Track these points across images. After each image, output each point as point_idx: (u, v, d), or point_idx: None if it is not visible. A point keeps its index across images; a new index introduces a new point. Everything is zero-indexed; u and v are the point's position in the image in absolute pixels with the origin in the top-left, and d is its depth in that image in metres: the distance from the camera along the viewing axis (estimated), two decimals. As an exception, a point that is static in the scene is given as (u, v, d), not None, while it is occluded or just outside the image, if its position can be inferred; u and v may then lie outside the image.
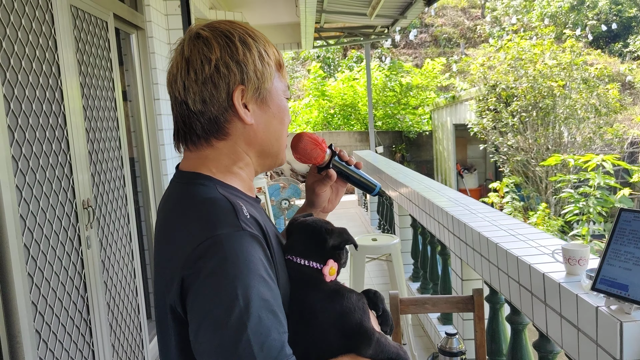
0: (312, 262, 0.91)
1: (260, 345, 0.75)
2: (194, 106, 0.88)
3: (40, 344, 1.95)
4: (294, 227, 0.97)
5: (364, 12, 7.03)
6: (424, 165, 13.46)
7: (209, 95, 0.87)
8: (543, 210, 6.90)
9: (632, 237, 1.33)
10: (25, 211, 1.92)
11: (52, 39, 2.21)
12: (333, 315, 0.88)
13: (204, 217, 0.82)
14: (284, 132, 0.97)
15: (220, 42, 0.87)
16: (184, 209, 0.86)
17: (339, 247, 0.94)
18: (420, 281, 3.90)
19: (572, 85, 8.32)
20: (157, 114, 3.53)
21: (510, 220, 2.37)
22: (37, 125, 2.05)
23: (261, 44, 0.91)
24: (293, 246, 0.94)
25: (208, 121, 0.88)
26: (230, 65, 0.87)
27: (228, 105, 0.88)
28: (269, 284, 0.80)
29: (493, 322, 2.35)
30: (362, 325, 0.88)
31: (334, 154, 1.09)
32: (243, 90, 0.88)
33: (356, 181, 1.14)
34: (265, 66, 0.90)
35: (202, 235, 0.79)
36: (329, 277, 0.91)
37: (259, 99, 0.91)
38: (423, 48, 21.35)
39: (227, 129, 0.90)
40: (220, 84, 0.87)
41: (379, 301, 0.98)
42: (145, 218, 3.50)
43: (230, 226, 0.80)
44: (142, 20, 3.44)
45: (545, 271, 1.64)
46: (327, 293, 0.90)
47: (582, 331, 1.43)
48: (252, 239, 0.81)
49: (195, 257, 0.78)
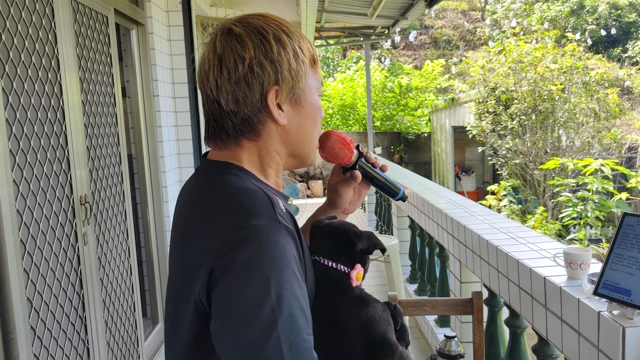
0: (340, 265, 0.89)
1: (289, 344, 0.71)
2: (227, 106, 0.85)
3: (35, 340, 1.93)
4: (320, 229, 0.94)
5: (365, 13, 7.02)
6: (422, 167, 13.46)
7: (242, 96, 0.84)
8: (540, 213, 6.90)
9: (636, 242, 1.32)
10: (22, 206, 1.90)
11: (52, 32, 2.19)
12: (357, 322, 0.85)
13: (240, 206, 0.79)
14: (316, 132, 0.94)
15: (254, 40, 0.84)
16: (217, 197, 0.83)
17: (367, 252, 0.92)
18: (417, 283, 3.89)
19: (571, 89, 8.32)
20: (156, 111, 3.51)
21: (511, 223, 2.36)
22: (36, 119, 2.03)
23: (296, 40, 0.87)
24: (320, 247, 0.91)
25: (240, 121, 0.85)
26: (265, 64, 0.83)
27: (262, 106, 0.85)
28: (300, 282, 0.77)
29: (491, 326, 2.34)
30: (385, 337, 0.86)
31: (360, 155, 1.06)
32: (277, 91, 0.85)
33: (380, 184, 1.10)
34: (300, 64, 0.87)
35: (237, 225, 0.76)
36: (355, 282, 0.89)
37: (293, 99, 0.88)
38: (422, 50, 21.36)
39: (259, 130, 0.87)
40: (254, 84, 0.84)
41: (398, 315, 0.95)
42: (142, 215, 3.48)
43: (268, 218, 0.77)
44: (143, 16, 3.42)
45: (546, 275, 1.63)
46: (354, 299, 0.87)
47: (583, 336, 1.42)
48: (288, 234, 0.78)
49: (229, 247, 0.74)
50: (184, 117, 3.89)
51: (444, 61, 17.82)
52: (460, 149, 12.41)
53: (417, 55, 21.04)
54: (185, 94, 3.88)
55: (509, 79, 8.69)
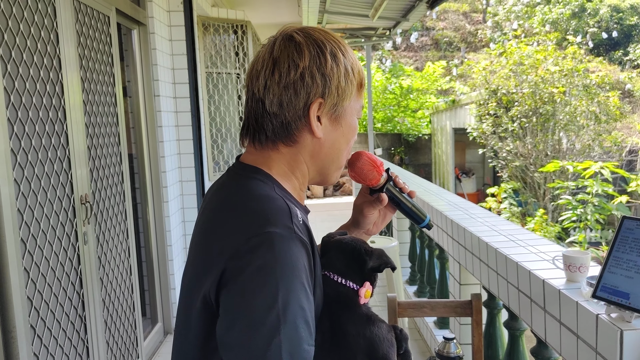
0: (349, 282, 0.90)
1: (289, 353, 0.72)
2: (270, 107, 0.87)
3: (35, 339, 1.93)
4: (331, 244, 0.95)
5: (366, 14, 7.03)
6: (422, 169, 13.46)
7: (287, 101, 0.86)
8: (540, 216, 6.90)
9: (635, 245, 1.32)
10: (22, 205, 1.90)
11: (54, 32, 2.20)
12: (362, 341, 0.86)
13: (260, 212, 0.81)
14: (346, 152, 0.96)
15: (312, 51, 0.86)
16: (240, 200, 0.85)
17: (377, 270, 0.92)
18: (417, 284, 3.89)
19: (572, 92, 8.33)
20: (157, 111, 3.52)
21: (510, 226, 2.37)
22: (37, 118, 2.03)
23: (349, 60, 0.90)
24: (331, 263, 0.92)
25: (280, 125, 0.87)
26: (316, 76, 0.86)
27: (303, 114, 0.87)
28: (307, 294, 0.78)
29: (490, 328, 2.34)
30: (387, 358, 0.87)
31: (389, 179, 1.06)
32: (321, 104, 0.87)
33: (407, 209, 1.08)
34: (348, 84, 0.89)
35: (254, 230, 0.78)
36: (363, 300, 0.90)
37: (334, 115, 0.90)
38: (424, 51, 21.37)
39: (296, 137, 0.89)
40: (301, 92, 0.86)
41: (403, 340, 0.96)
42: (142, 215, 3.49)
43: (284, 227, 0.79)
44: (144, 16, 3.43)
45: (545, 277, 1.64)
46: (361, 316, 0.88)
47: (582, 338, 1.42)
48: (302, 245, 0.80)
49: (244, 251, 0.76)
50: (185, 117, 3.89)
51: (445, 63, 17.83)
52: (460, 150, 12.41)
53: (418, 57, 21.05)
54: (186, 94, 3.88)
55: (510, 81, 8.69)
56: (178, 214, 3.86)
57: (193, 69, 3.91)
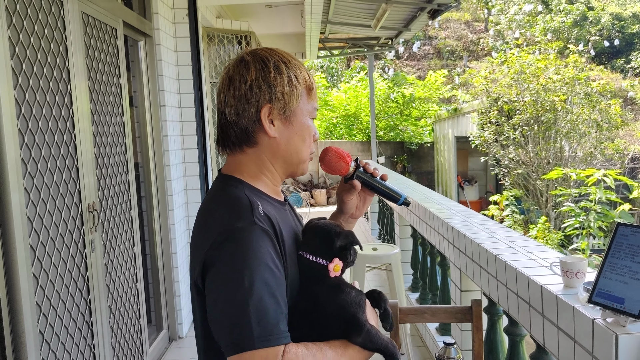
0: (319, 258, 1.04)
1: (258, 319, 0.90)
2: (230, 117, 1.05)
3: (43, 344, 1.97)
4: (308, 228, 1.09)
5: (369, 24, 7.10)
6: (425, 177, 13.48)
7: (242, 109, 1.04)
8: (543, 223, 6.92)
9: (629, 251, 1.35)
10: (32, 213, 1.95)
11: (63, 45, 2.26)
12: (332, 306, 1.01)
13: (227, 211, 0.99)
14: (304, 147, 1.11)
15: (257, 66, 1.04)
16: (216, 203, 1.05)
17: (344, 248, 1.05)
18: (419, 291, 3.92)
19: (574, 100, 8.36)
20: (163, 120, 3.58)
21: (510, 233, 2.40)
22: (47, 129, 2.09)
23: (292, 69, 1.06)
24: (306, 244, 1.07)
25: (240, 130, 1.05)
26: (262, 86, 1.03)
27: (256, 119, 1.04)
28: (273, 272, 0.95)
29: (491, 333, 2.37)
30: (355, 317, 1.01)
31: (357, 167, 1.20)
32: (270, 108, 1.04)
33: (380, 191, 1.22)
34: (292, 89, 1.05)
35: (224, 226, 0.97)
36: (333, 273, 1.03)
37: (284, 117, 1.06)
38: (426, 60, 21.46)
39: (255, 139, 1.06)
40: (252, 100, 1.03)
41: (382, 301, 1.11)
42: (148, 223, 3.53)
43: (246, 220, 0.96)
44: (150, 28, 3.49)
45: (543, 283, 1.67)
46: (330, 287, 1.03)
47: (579, 343, 1.45)
48: (263, 233, 0.96)
49: (217, 243, 0.95)
50: (190, 127, 3.95)
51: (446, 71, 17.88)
52: (463, 158, 12.44)
53: (420, 66, 21.13)
54: (191, 104, 3.94)
55: (512, 90, 8.73)
56: (183, 222, 3.90)
57: (198, 79, 3.97)
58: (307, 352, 0.95)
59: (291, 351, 0.93)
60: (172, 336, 3.73)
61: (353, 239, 1.06)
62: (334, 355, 0.99)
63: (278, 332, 0.92)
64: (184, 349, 3.62)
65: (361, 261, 3.21)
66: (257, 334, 0.90)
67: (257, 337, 0.90)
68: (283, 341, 0.92)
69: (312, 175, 11.68)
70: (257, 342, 0.90)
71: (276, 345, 0.91)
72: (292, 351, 0.93)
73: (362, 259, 3.21)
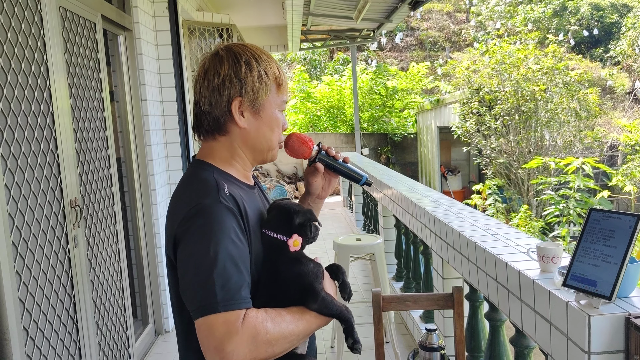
0: (280, 235, 1.14)
1: (222, 285, 1.00)
2: (204, 107, 1.15)
3: (27, 340, 1.97)
4: (271, 208, 1.20)
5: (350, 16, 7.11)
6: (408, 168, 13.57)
7: (214, 101, 1.14)
8: (525, 212, 7.02)
9: (601, 236, 1.40)
10: (13, 209, 1.94)
11: (41, 39, 2.24)
12: (291, 276, 1.12)
13: (196, 190, 1.10)
14: (273, 137, 1.20)
15: (230, 61, 1.13)
16: (186, 185, 1.14)
17: (303, 225, 1.15)
18: (403, 280, 3.97)
19: (553, 90, 8.47)
20: (144, 115, 3.56)
21: (490, 221, 2.45)
22: (26, 124, 2.07)
23: (263, 65, 1.15)
24: (269, 222, 1.17)
25: (212, 120, 1.15)
26: (234, 80, 1.13)
27: (227, 110, 1.14)
28: (236, 244, 1.05)
29: (472, 320, 2.42)
30: (312, 285, 1.12)
31: (320, 150, 1.30)
32: (240, 101, 1.13)
33: (342, 172, 1.32)
34: (262, 84, 1.14)
35: (191, 203, 1.06)
36: (292, 248, 1.13)
37: (253, 109, 1.16)
38: (409, 51, 21.52)
39: (226, 128, 1.16)
40: (224, 93, 1.13)
41: (340, 273, 1.23)
42: (131, 218, 3.52)
43: (212, 198, 1.06)
44: (130, 22, 3.46)
45: (521, 269, 1.71)
46: (289, 259, 1.13)
47: (554, 325, 1.50)
48: (227, 210, 1.06)
49: (186, 219, 1.05)
50: (172, 121, 3.94)
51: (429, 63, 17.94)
52: (446, 149, 12.54)
53: (403, 57, 21.19)
54: (173, 97, 3.92)
55: (493, 80, 8.82)
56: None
57: (179, 72, 3.95)
58: (267, 316, 1.04)
59: (251, 315, 1.01)
60: (159, 330, 3.74)
61: (311, 216, 1.16)
62: (292, 319, 1.08)
63: (240, 297, 1.01)
64: (170, 342, 3.63)
65: (345, 251, 3.24)
66: (220, 298, 0.99)
67: (220, 300, 0.99)
68: (244, 306, 1.01)
69: (296, 168, 11.69)
70: (221, 306, 0.98)
71: (237, 309, 1.00)
72: (252, 315, 1.01)
73: (346, 250, 3.24)
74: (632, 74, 17.75)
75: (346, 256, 3.24)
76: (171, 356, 3.42)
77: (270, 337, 1.02)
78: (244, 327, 0.99)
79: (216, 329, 0.98)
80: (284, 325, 1.06)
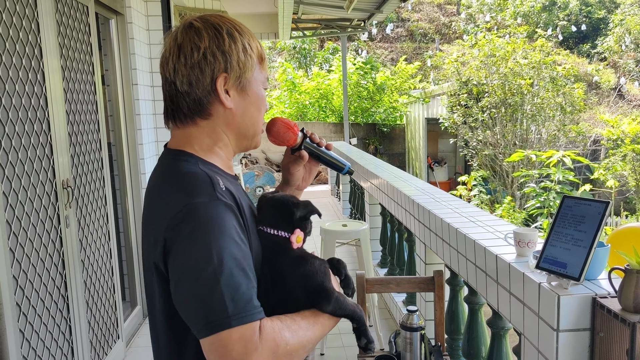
0: (281, 231, 1.02)
1: (231, 296, 0.86)
2: (182, 87, 0.98)
3: (20, 316, 2.02)
4: (264, 202, 1.07)
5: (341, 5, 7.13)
6: (396, 158, 13.67)
7: (195, 79, 0.97)
8: (508, 203, 7.16)
9: (573, 221, 1.48)
10: (7, 188, 1.98)
11: (34, 21, 2.26)
12: (298, 277, 1.00)
13: (185, 187, 0.93)
14: (260, 119, 1.07)
15: (210, 33, 0.97)
16: (168, 181, 0.97)
17: (305, 218, 1.05)
18: (387, 267, 4.06)
19: (540, 84, 8.59)
20: (135, 99, 3.58)
21: (471, 209, 2.53)
22: (20, 105, 2.10)
23: (246, 37, 1.01)
24: (264, 218, 1.05)
25: (193, 102, 0.99)
26: (217, 54, 0.97)
27: (211, 89, 0.98)
28: (240, 246, 0.91)
29: (453, 304, 2.51)
30: (323, 286, 1.01)
31: (305, 137, 1.19)
32: (226, 78, 0.98)
33: (326, 161, 1.23)
34: (247, 58, 1.00)
35: (182, 203, 0.90)
36: (295, 245, 1.03)
37: (239, 87, 1.01)
38: (399, 42, 21.55)
39: (209, 110, 1.00)
40: (206, 70, 0.97)
41: (342, 267, 1.11)
42: (121, 201, 3.56)
43: (207, 196, 0.91)
44: (122, 6, 3.48)
45: (498, 253, 1.80)
46: (294, 258, 1.01)
47: (527, 305, 1.59)
48: (227, 208, 0.92)
49: (177, 221, 0.89)
50: (162, 106, 3.96)
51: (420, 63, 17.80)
52: (433, 140, 12.66)
53: (393, 48, 21.22)
54: (164, 82, 3.94)
55: (481, 73, 8.91)
56: (156, 201, 3.93)
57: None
58: (282, 324, 0.92)
59: (267, 326, 0.89)
60: (147, 312, 3.79)
61: (312, 207, 1.06)
62: (307, 325, 0.97)
63: (252, 307, 0.88)
64: (158, 324, 3.69)
65: (331, 237, 3.32)
66: (232, 311, 0.85)
67: (232, 314, 0.85)
68: (258, 316, 0.88)
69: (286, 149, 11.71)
70: (233, 320, 0.85)
71: (252, 321, 0.87)
72: (267, 325, 0.89)
73: (332, 235, 3.32)
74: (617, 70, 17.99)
75: (332, 242, 3.32)
76: (159, 337, 3.48)
77: (290, 348, 0.91)
78: (263, 342, 0.87)
79: (232, 348, 0.84)
80: (301, 333, 0.94)
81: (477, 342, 2.22)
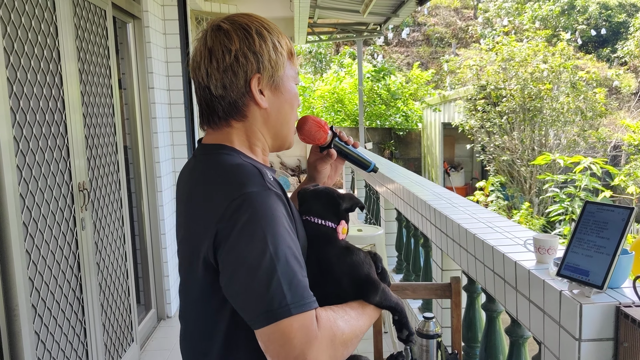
0: (328, 222, 1.04)
1: (289, 284, 0.86)
2: (216, 91, 0.99)
3: (35, 318, 2.03)
4: (307, 194, 1.09)
5: (357, 9, 7.12)
6: (412, 163, 13.60)
7: (229, 82, 0.98)
8: (526, 209, 7.06)
9: (595, 227, 1.44)
10: (24, 190, 1.99)
11: (53, 25, 2.28)
12: (346, 267, 1.01)
13: (235, 179, 0.93)
14: (293, 116, 1.09)
15: (239, 35, 0.98)
16: (214, 174, 0.96)
17: (350, 209, 1.07)
18: (403, 273, 4.02)
19: (560, 88, 8.47)
20: (152, 103, 3.60)
21: (489, 214, 2.49)
22: (38, 108, 2.12)
23: (275, 35, 1.01)
24: (310, 209, 1.06)
25: (228, 104, 1.00)
26: (248, 55, 0.97)
27: (246, 91, 0.99)
28: (291, 235, 0.92)
29: (470, 311, 2.47)
30: (369, 276, 1.02)
31: (334, 135, 1.20)
32: (259, 78, 0.99)
33: (353, 159, 1.24)
34: (278, 56, 1.01)
35: (234, 194, 0.90)
36: (341, 235, 1.05)
37: (273, 86, 1.02)
38: (415, 47, 21.48)
39: (244, 112, 1.01)
40: (239, 72, 0.98)
41: (378, 261, 1.11)
42: (137, 204, 3.57)
43: (259, 186, 0.91)
44: (139, 10, 3.50)
45: (517, 259, 1.75)
46: (341, 249, 1.03)
47: (548, 314, 1.54)
48: (277, 198, 0.93)
49: (230, 212, 0.88)
50: (179, 109, 3.98)
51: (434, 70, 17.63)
52: (449, 145, 12.56)
53: (409, 52, 21.15)
54: (180, 86, 3.97)
55: (499, 77, 8.82)
56: (171, 204, 3.95)
57: (187, 62, 3.99)
58: (335, 314, 0.93)
59: (322, 315, 0.89)
60: (161, 315, 3.80)
61: (357, 200, 1.09)
62: (356, 315, 0.98)
63: (308, 295, 0.88)
64: (172, 327, 3.70)
65: (346, 242, 3.29)
66: (290, 299, 0.85)
67: (291, 302, 0.84)
68: (314, 305, 0.88)
69: (300, 160, 11.73)
70: (293, 308, 0.84)
71: (310, 309, 0.87)
72: (323, 315, 0.89)
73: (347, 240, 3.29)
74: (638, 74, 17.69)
75: (347, 246, 3.29)
76: (173, 340, 3.48)
77: (345, 337, 0.92)
78: (321, 330, 0.87)
79: (294, 336, 0.84)
80: (353, 323, 0.96)
81: (494, 351, 2.18)
